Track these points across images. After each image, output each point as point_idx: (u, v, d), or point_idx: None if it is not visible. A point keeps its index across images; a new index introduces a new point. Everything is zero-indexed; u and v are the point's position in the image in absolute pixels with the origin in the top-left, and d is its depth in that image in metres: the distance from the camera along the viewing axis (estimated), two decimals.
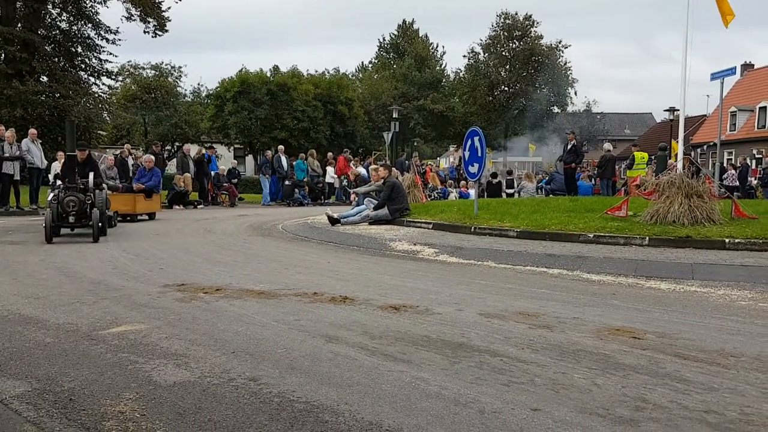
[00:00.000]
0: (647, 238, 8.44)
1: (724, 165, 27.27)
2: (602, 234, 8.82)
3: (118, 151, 20.82)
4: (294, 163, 24.25)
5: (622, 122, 65.42)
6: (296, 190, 23.32)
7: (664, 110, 39.78)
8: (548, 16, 77.08)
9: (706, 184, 9.66)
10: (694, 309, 5.22)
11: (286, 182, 23.17)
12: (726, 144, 39.47)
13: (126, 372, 3.41)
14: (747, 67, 47.74)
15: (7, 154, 15.44)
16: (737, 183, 23.72)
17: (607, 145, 20.82)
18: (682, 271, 6.92)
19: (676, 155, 14.14)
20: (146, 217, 15.21)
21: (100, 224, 9.73)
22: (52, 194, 9.81)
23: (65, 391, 3.12)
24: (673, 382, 3.31)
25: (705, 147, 39.54)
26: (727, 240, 8.08)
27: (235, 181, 23.98)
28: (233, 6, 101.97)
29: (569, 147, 18.66)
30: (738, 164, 26.22)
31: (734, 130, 44.08)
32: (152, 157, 17.12)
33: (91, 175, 10.32)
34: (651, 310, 5.13)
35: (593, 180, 21.81)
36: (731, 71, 13.69)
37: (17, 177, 15.91)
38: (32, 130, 17.23)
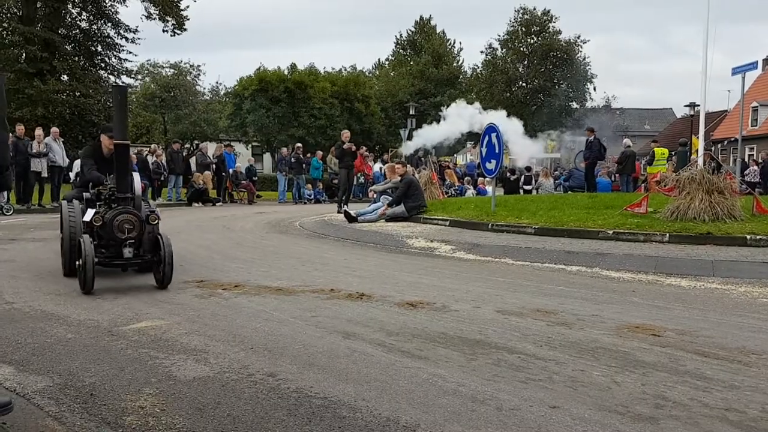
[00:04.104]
0: (667, 234, 8.36)
1: (746, 161, 26.88)
2: (622, 231, 8.75)
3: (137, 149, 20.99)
4: (310, 160, 24.34)
5: (642, 118, 64.75)
6: (310, 186, 23.41)
7: (685, 105, 39.34)
8: (561, 10, 76.50)
9: (727, 180, 9.55)
10: (714, 306, 5.17)
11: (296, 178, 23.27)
12: (747, 139, 38.88)
13: (146, 367, 3.45)
14: None
15: (34, 151, 15.75)
16: (759, 179, 23.35)
17: (627, 141, 20.62)
18: (703, 268, 6.85)
19: (697, 151, 13.99)
20: None
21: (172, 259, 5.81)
22: (91, 212, 6.00)
23: (86, 387, 3.16)
24: (693, 380, 3.28)
25: (726, 142, 39.02)
26: (748, 236, 7.98)
27: (255, 178, 24.12)
28: (251, 4, 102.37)
29: (587, 143, 18.50)
30: (760, 160, 25.84)
31: (756, 126, 43.41)
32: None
33: (137, 177, 6.38)
34: (671, 308, 5.09)
35: (612, 176, 21.62)
36: (753, 66, 13.43)
37: (45, 174, 16.20)
38: (54, 129, 17.49)
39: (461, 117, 17.50)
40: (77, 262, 5.65)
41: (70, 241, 6.10)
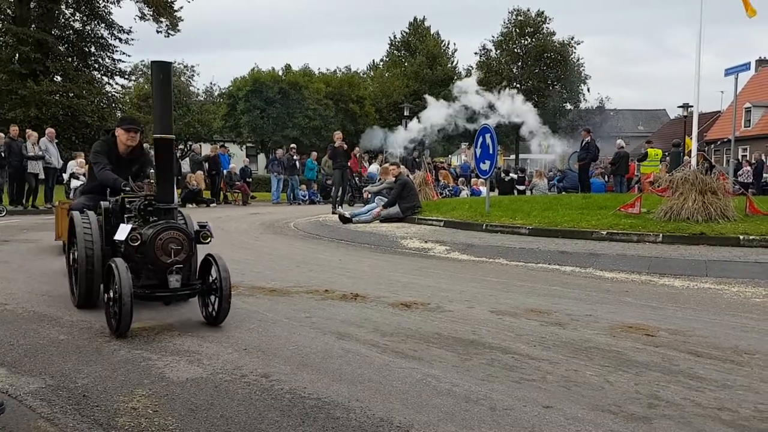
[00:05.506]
0: (661, 235, 8.38)
1: (739, 161, 26.99)
2: (615, 231, 8.77)
3: None
4: (305, 161, 24.32)
5: (635, 119, 64.90)
6: (305, 187, 23.38)
7: (678, 107, 39.47)
8: (555, 11, 76.76)
9: (721, 181, 9.59)
10: (707, 306, 5.19)
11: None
12: (740, 140, 39.09)
13: (139, 369, 3.44)
14: (762, 62, 47.14)
15: (30, 153, 15.70)
16: (752, 179, 23.44)
17: (620, 142, 20.66)
18: (696, 268, 6.88)
19: (690, 152, 14.04)
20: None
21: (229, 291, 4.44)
22: (127, 229, 4.48)
23: (79, 388, 3.14)
24: (686, 380, 3.29)
25: (719, 143, 39.22)
26: (741, 237, 8.01)
27: (249, 179, 24.09)
28: (245, 4, 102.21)
29: (583, 144, 18.55)
30: (753, 160, 25.97)
31: (749, 126, 43.61)
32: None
33: None
34: (664, 308, 5.10)
35: (606, 177, 21.67)
36: (745, 67, 13.49)
37: (42, 176, 16.15)
38: (50, 130, 17.41)
39: (474, 102, 17.03)
40: (106, 295, 4.26)
41: (87, 264, 4.71)
